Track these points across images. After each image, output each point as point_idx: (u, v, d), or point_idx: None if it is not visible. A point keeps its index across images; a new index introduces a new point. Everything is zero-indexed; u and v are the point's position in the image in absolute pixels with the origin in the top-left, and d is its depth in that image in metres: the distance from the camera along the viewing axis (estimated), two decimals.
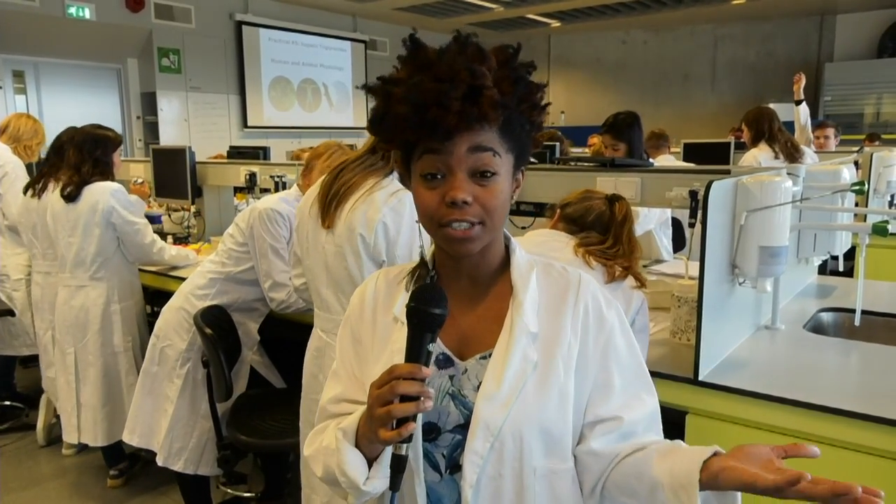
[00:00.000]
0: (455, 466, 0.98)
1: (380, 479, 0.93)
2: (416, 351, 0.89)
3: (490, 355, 0.98)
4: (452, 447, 0.98)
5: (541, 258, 1.08)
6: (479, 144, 0.90)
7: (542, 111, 0.98)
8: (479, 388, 0.97)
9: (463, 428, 0.97)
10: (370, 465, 0.95)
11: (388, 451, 0.92)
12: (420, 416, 0.95)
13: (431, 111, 0.87)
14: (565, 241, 1.75)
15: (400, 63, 0.93)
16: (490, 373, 0.97)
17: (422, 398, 0.85)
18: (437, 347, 1.00)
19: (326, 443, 0.99)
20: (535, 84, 0.95)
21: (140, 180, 4.12)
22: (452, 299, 1.01)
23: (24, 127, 3.92)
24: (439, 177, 0.92)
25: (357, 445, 0.94)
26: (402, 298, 1.03)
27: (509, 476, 0.95)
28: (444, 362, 1.01)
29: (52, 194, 3.06)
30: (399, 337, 0.99)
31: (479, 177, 0.92)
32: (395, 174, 1.99)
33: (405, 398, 0.86)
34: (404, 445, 0.89)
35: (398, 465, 0.89)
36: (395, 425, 0.86)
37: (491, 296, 1.03)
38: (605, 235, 1.75)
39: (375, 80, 0.93)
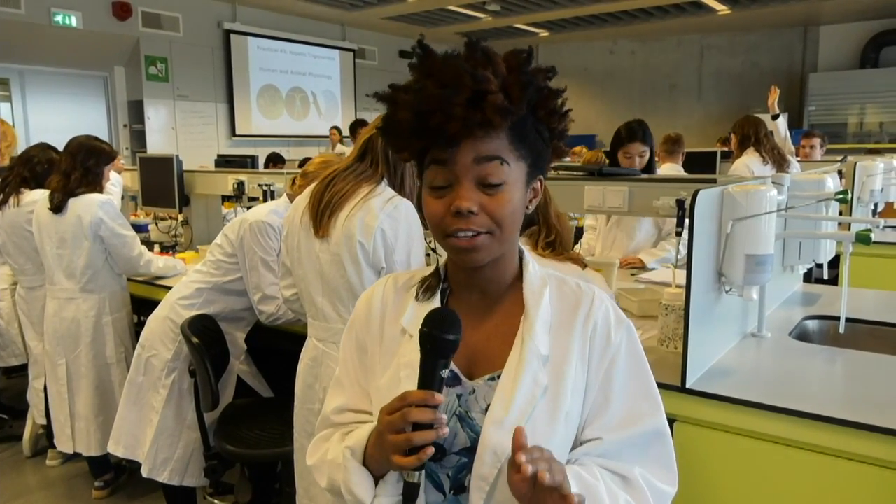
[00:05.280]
0: (460, 488, 0.96)
1: (386, 498, 0.92)
2: (428, 377, 0.87)
3: (499, 377, 0.96)
4: (458, 469, 0.96)
5: (555, 273, 1.04)
6: (485, 154, 0.88)
7: (563, 118, 0.96)
8: (486, 410, 0.94)
9: (469, 451, 0.94)
10: (377, 483, 0.94)
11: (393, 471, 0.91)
12: None
13: (435, 117, 0.85)
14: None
15: (410, 70, 0.92)
16: (499, 396, 0.93)
17: (436, 426, 0.84)
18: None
19: (332, 456, 0.98)
20: (551, 90, 0.93)
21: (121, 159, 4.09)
22: (463, 313, 0.99)
23: None
24: (447, 186, 0.91)
25: (364, 463, 0.93)
26: (412, 308, 1.01)
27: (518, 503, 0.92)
28: (452, 380, 0.98)
29: (38, 204, 3.04)
30: (407, 350, 0.97)
31: (486, 185, 0.90)
32: (386, 180, 1.99)
33: (418, 425, 0.84)
34: (417, 473, 0.87)
35: (410, 493, 0.88)
36: (409, 451, 0.85)
37: (502, 312, 1.00)
38: (539, 224, 1.78)
39: (387, 88, 0.93)
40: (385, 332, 1.04)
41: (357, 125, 7.19)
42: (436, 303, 1.01)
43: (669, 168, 4.50)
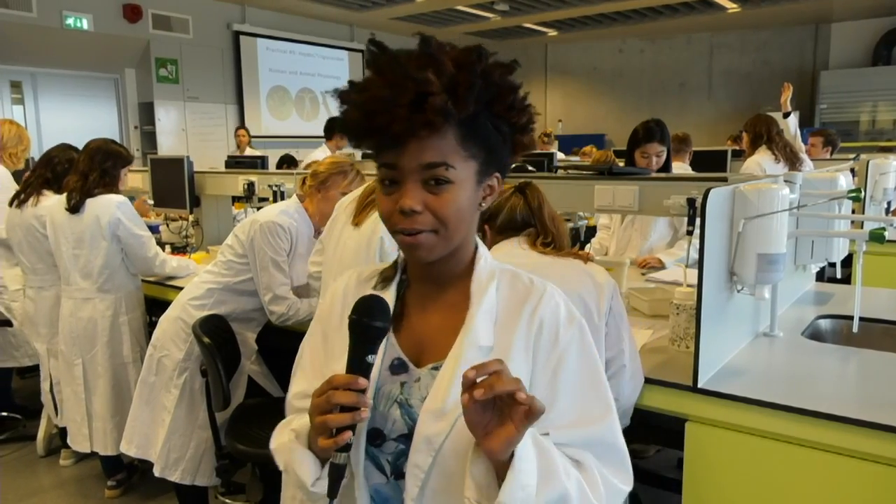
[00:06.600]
0: (399, 473, 0.97)
1: (327, 480, 0.93)
2: (355, 362, 0.89)
3: (441, 367, 0.97)
4: (396, 455, 0.97)
5: (511, 269, 1.05)
6: (428, 161, 0.89)
7: (523, 112, 0.95)
8: (425, 400, 0.96)
9: (407, 438, 0.96)
10: (324, 465, 0.95)
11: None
12: (365, 423, 0.96)
13: (379, 118, 0.87)
14: (516, 244, 1.76)
15: (366, 67, 0.93)
16: (436, 386, 0.95)
17: (359, 409, 0.86)
18: (395, 351, 1.01)
19: (286, 440, 1.00)
20: (505, 85, 0.92)
21: (145, 198, 4.17)
22: (416, 304, 1.02)
23: (8, 134, 3.79)
24: (394, 183, 0.92)
25: (310, 446, 0.95)
26: None
27: (453, 492, 0.92)
28: (399, 367, 1.00)
29: (52, 205, 3.06)
30: None
31: (432, 184, 0.91)
32: None
33: (344, 408, 0.86)
34: (341, 454, 0.89)
35: (335, 474, 0.90)
36: (334, 433, 0.87)
37: (452, 304, 1.01)
38: (534, 227, 1.78)
39: (345, 85, 0.94)
40: (344, 320, 1.04)
41: (332, 122, 7.12)
42: (391, 293, 1.03)
43: (677, 167, 4.48)
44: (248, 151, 8.19)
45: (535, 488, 0.84)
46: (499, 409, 0.83)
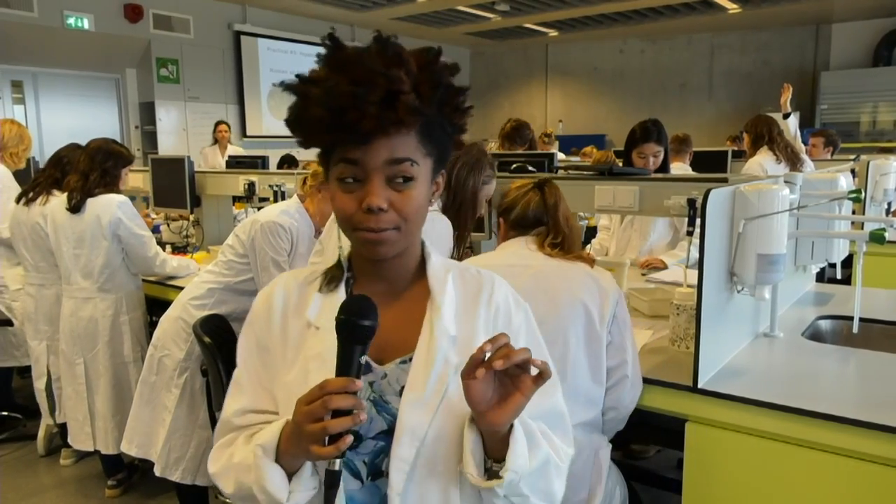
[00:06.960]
0: (377, 473, 0.97)
1: (301, 493, 0.91)
2: (347, 364, 0.87)
3: (410, 359, 0.98)
4: (374, 454, 0.97)
5: (457, 263, 1.10)
6: (395, 157, 0.90)
7: (464, 114, 0.98)
8: (401, 392, 0.96)
9: (387, 434, 0.96)
10: (290, 480, 0.92)
11: (308, 464, 0.91)
12: None
13: (348, 115, 0.86)
14: (524, 244, 1.77)
15: (319, 61, 0.92)
16: (413, 377, 0.96)
17: (356, 411, 0.83)
18: None
19: (239, 459, 0.96)
20: (456, 87, 0.94)
21: (148, 212, 4.20)
22: None
23: (9, 133, 3.79)
24: (356, 181, 0.92)
25: (276, 460, 0.92)
26: (317, 300, 1.02)
27: (436, 480, 0.94)
28: (364, 368, 0.98)
29: (53, 205, 3.07)
30: (315, 342, 0.97)
31: (395, 182, 0.92)
32: (440, 202, 1.99)
33: (338, 413, 0.83)
34: (337, 460, 0.86)
35: (332, 481, 0.86)
36: (328, 440, 0.84)
37: (408, 299, 1.03)
38: (547, 225, 1.78)
39: (293, 78, 0.92)
40: (288, 327, 1.03)
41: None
42: (341, 293, 1.02)
43: (677, 168, 4.48)
44: (230, 150, 7.72)
45: (527, 455, 0.91)
46: (499, 382, 0.86)
